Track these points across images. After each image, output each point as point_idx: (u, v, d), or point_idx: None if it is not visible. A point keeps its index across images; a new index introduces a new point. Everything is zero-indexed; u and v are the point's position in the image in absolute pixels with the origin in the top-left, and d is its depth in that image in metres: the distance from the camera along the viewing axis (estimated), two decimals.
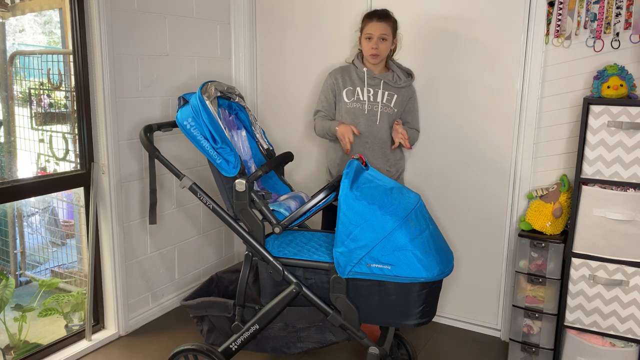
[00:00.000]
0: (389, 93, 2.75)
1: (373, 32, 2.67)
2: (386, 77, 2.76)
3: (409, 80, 2.81)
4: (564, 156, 2.75)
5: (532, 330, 2.70)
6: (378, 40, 2.67)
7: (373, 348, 2.18)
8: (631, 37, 2.51)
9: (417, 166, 3.12)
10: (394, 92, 2.76)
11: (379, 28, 2.67)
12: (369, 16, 2.71)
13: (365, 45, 2.71)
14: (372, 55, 2.69)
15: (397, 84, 2.76)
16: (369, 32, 2.68)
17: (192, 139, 2.21)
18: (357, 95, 2.75)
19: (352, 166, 2.15)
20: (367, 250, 2.04)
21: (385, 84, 2.75)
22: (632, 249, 2.37)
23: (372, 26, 2.67)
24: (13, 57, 2.67)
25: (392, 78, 2.77)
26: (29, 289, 3.07)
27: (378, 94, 2.74)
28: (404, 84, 2.78)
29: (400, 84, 2.77)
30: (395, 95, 2.75)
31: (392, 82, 2.76)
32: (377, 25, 2.67)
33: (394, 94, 2.75)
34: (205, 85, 2.26)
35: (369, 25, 2.68)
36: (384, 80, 2.75)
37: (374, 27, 2.67)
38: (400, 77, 2.78)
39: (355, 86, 2.76)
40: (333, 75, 2.82)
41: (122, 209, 2.91)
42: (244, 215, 2.24)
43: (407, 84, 2.79)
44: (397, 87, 2.77)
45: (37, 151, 2.84)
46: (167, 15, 3.05)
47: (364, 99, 2.74)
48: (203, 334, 2.43)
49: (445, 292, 3.14)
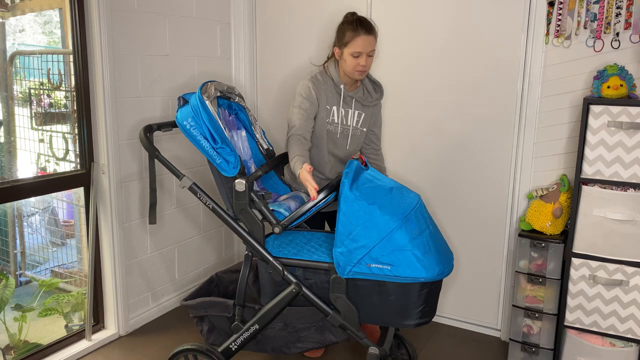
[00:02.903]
0: (359, 113, 2.60)
1: (362, 50, 2.43)
2: (357, 95, 2.57)
3: (379, 95, 2.66)
4: (564, 156, 2.75)
5: (532, 330, 2.70)
6: (367, 56, 2.45)
7: (373, 348, 2.18)
8: (631, 37, 2.51)
9: (417, 166, 3.12)
10: (363, 110, 2.61)
11: (368, 44, 2.43)
12: (354, 29, 2.43)
13: (350, 62, 2.45)
14: (360, 72, 2.48)
15: (367, 101, 2.60)
16: (357, 49, 2.42)
17: (192, 139, 2.21)
18: (332, 117, 2.57)
19: (352, 166, 2.15)
20: (367, 250, 2.04)
21: (357, 102, 2.58)
22: (632, 249, 2.37)
23: (361, 41, 2.42)
24: (13, 57, 2.67)
25: (362, 94, 2.59)
26: (29, 289, 3.08)
27: (349, 114, 2.58)
28: (375, 102, 2.63)
29: (371, 102, 2.62)
30: (364, 114, 2.62)
31: (362, 100, 2.59)
32: (366, 40, 2.43)
33: (362, 112, 2.61)
34: (205, 85, 2.26)
35: (357, 40, 2.42)
36: (355, 98, 2.57)
37: (362, 44, 2.42)
38: (370, 94, 2.62)
39: (332, 105, 2.55)
40: (316, 88, 2.52)
41: (122, 209, 2.91)
42: (243, 215, 2.24)
43: (377, 101, 2.65)
44: (366, 106, 2.62)
45: (37, 151, 2.84)
46: (167, 15, 3.05)
47: (337, 121, 2.57)
48: (203, 334, 2.43)
49: (445, 292, 3.14)
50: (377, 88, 2.68)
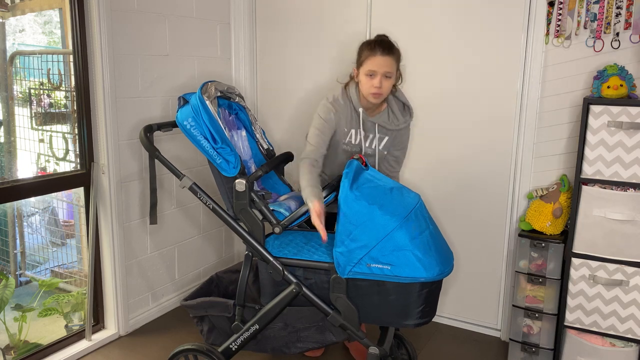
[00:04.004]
0: (380, 137, 2.47)
1: (377, 69, 2.30)
2: (381, 119, 2.44)
3: (407, 119, 2.50)
4: (564, 156, 2.75)
5: (532, 330, 2.70)
6: (382, 78, 2.31)
7: (373, 348, 2.18)
8: (631, 37, 2.51)
9: (417, 166, 3.12)
10: (386, 134, 2.47)
11: (383, 64, 2.30)
12: (371, 48, 2.32)
13: (365, 82, 2.34)
14: (374, 95, 2.34)
15: (392, 125, 2.45)
16: (372, 68, 2.30)
17: (192, 139, 2.21)
18: (349, 139, 2.48)
19: (352, 166, 2.15)
20: (367, 250, 2.04)
21: (380, 127, 2.44)
22: (632, 249, 2.37)
23: (376, 61, 2.30)
24: (13, 57, 2.67)
25: (387, 118, 2.45)
26: (29, 289, 3.08)
27: (368, 138, 2.46)
28: (402, 126, 2.48)
29: (397, 125, 2.46)
30: (387, 137, 2.47)
31: (387, 124, 2.44)
32: (382, 60, 2.29)
33: (384, 136, 2.47)
34: (205, 85, 2.26)
35: (372, 59, 2.30)
36: (378, 123, 2.44)
37: (377, 63, 2.30)
38: (397, 116, 2.46)
39: (350, 128, 2.44)
40: (335, 110, 2.41)
41: (122, 209, 2.91)
42: (244, 215, 2.24)
43: (404, 125, 2.49)
44: (391, 130, 2.47)
45: (37, 151, 2.84)
46: (167, 15, 3.05)
47: (355, 142, 2.48)
48: (203, 334, 2.43)
49: (445, 292, 3.14)
50: (406, 110, 2.51)
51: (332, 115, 2.40)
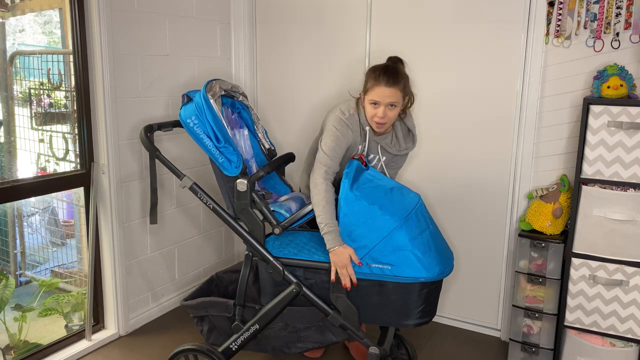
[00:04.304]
0: (380, 157, 2.43)
1: (380, 100, 2.22)
2: (384, 141, 2.39)
3: (409, 146, 2.45)
4: (564, 156, 2.75)
5: (532, 330, 2.70)
6: (386, 108, 2.24)
7: (373, 348, 2.18)
8: (631, 37, 2.51)
9: (417, 166, 3.12)
10: (385, 154, 2.43)
11: (387, 95, 2.21)
12: (376, 77, 2.24)
13: (369, 110, 2.26)
14: (378, 124, 2.28)
15: (393, 149, 2.41)
16: (375, 99, 2.22)
17: (195, 137, 2.20)
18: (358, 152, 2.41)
19: (352, 166, 2.15)
20: (367, 251, 2.05)
21: (382, 149, 2.41)
22: (632, 249, 2.37)
23: (380, 92, 2.21)
24: (13, 57, 2.67)
25: (390, 142, 2.41)
26: (29, 289, 3.07)
27: (369, 157, 2.43)
28: (402, 152, 2.44)
29: (399, 151, 2.43)
30: (385, 157, 2.43)
31: (388, 147, 2.40)
32: (386, 91, 2.21)
33: (384, 156, 2.43)
34: (210, 83, 2.26)
35: (376, 90, 2.22)
36: (380, 144, 2.39)
37: (381, 94, 2.21)
38: (399, 142, 2.42)
39: (357, 144, 2.37)
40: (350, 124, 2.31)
41: (122, 209, 2.91)
42: (244, 215, 2.24)
43: (405, 152, 2.45)
44: (391, 154, 2.44)
45: (37, 151, 2.84)
46: (167, 15, 3.05)
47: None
48: (203, 334, 2.43)
49: (445, 292, 3.14)
50: (409, 136, 2.46)
51: (350, 132, 2.31)
